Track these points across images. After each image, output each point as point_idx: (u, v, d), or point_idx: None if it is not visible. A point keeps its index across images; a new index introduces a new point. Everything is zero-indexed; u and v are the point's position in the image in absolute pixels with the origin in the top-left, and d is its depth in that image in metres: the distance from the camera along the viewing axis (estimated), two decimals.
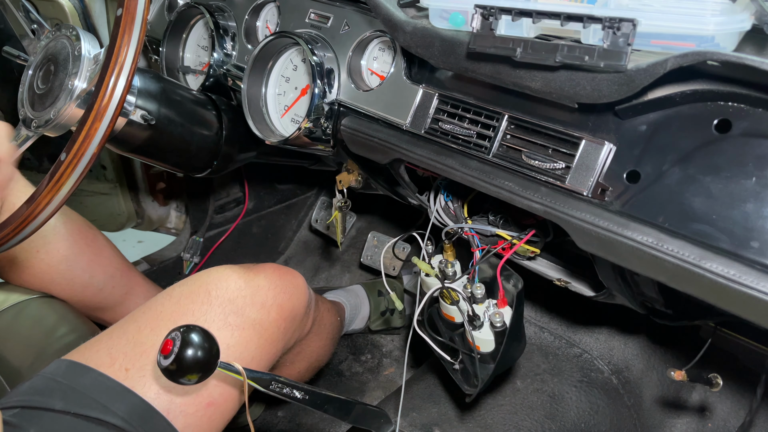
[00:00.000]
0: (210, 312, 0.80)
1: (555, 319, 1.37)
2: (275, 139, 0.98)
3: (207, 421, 0.77)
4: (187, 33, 1.21)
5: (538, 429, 1.25)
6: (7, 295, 1.07)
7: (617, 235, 0.64)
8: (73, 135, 0.62)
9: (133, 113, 0.93)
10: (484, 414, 1.28)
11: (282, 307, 0.86)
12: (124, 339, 0.78)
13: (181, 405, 0.75)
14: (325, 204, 1.71)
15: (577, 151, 0.70)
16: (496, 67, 0.70)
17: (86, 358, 0.76)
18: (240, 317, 0.81)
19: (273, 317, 0.84)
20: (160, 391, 0.75)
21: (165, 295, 0.84)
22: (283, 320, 0.86)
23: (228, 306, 0.81)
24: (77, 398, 0.72)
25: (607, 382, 1.28)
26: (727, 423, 1.17)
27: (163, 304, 0.82)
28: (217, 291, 0.82)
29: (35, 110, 0.84)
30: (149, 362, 0.75)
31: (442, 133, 0.82)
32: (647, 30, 0.59)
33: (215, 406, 0.78)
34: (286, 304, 0.86)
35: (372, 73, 0.95)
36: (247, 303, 0.83)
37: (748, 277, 0.56)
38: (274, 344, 0.85)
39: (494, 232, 0.88)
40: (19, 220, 0.64)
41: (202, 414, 0.77)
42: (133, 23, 0.60)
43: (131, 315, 0.83)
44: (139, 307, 0.84)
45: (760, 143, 0.59)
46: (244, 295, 0.83)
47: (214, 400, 0.78)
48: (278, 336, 0.85)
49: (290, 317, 0.87)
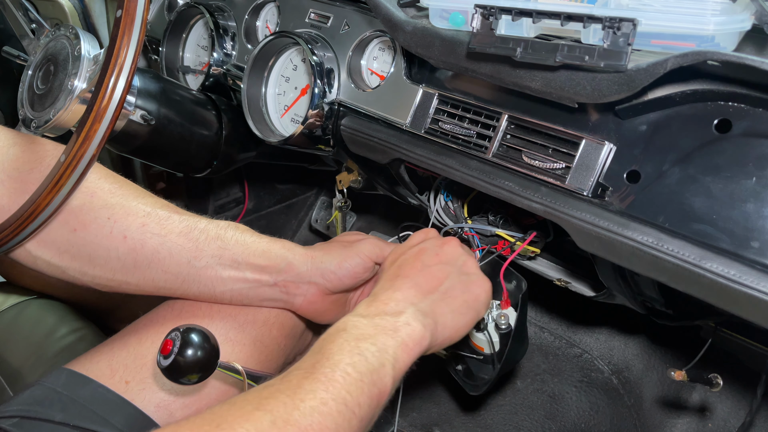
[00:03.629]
0: (212, 325, 0.80)
1: (555, 319, 1.37)
2: (275, 139, 0.98)
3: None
4: (186, 33, 1.21)
5: (538, 429, 1.25)
6: (7, 296, 1.07)
7: (617, 235, 0.63)
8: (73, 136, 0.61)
9: (133, 113, 0.93)
10: (484, 414, 1.28)
11: (284, 325, 0.85)
12: (125, 351, 0.78)
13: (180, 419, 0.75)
14: (325, 204, 1.70)
15: (577, 151, 0.69)
16: (496, 67, 0.70)
17: (86, 369, 0.76)
18: (241, 333, 0.81)
19: (274, 334, 0.84)
20: (160, 405, 0.74)
21: (167, 307, 0.84)
22: (284, 337, 0.86)
23: (230, 321, 0.81)
24: (77, 410, 0.71)
25: (607, 382, 1.28)
26: (727, 423, 1.17)
27: (165, 317, 0.82)
28: (220, 305, 0.82)
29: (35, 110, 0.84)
30: (149, 375, 0.75)
31: (442, 133, 0.82)
32: (647, 30, 0.59)
33: None
34: (287, 322, 0.86)
35: (372, 73, 0.95)
36: (249, 320, 0.82)
37: (748, 277, 0.56)
38: (275, 360, 0.85)
39: (494, 232, 0.87)
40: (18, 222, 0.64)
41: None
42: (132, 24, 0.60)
43: (133, 326, 0.83)
44: (141, 318, 0.84)
45: (760, 143, 0.59)
46: (246, 312, 0.83)
47: None
48: (279, 353, 0.85)
49: (291, 334, 0.87)
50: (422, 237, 0.80)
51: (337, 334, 0.62)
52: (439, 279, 0.72)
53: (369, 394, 0.58)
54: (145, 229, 0.75)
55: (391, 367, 0.61)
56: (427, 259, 0.74)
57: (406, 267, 0.73)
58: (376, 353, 0.60)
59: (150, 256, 0.75)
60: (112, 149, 0.98)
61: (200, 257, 0.77)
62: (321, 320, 0.86)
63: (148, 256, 0.75)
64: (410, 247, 0.77)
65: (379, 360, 0.60)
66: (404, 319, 0.65)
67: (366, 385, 0.58)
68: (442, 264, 0.73)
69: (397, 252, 0.78)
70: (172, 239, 0.76)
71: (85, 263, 0.76)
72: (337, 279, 0.82)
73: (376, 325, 0.63)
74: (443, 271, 0.73)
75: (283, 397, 0.54)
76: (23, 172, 0.73)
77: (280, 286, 0.80)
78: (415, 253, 0.76)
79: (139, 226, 0.75)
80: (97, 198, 0.75)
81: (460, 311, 0.70)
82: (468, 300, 0.71)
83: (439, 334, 0.67)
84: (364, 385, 0.58)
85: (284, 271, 0.80)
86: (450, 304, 0.70)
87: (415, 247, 0.77)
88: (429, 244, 0.77)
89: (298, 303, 0.82)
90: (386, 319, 0.65)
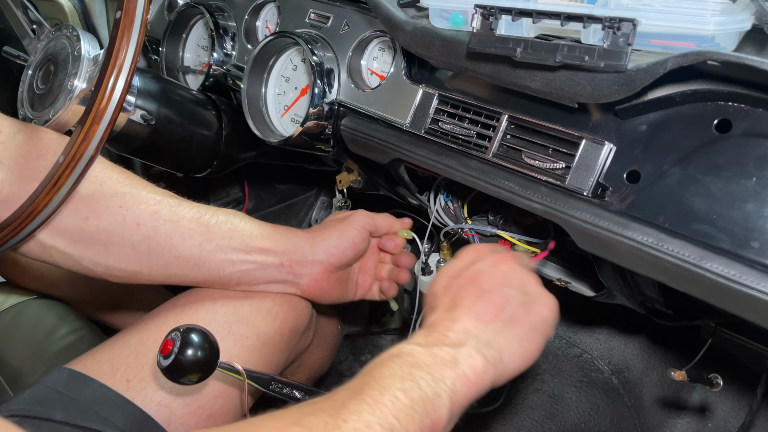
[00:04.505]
0: (214, 321, 0.81)
1: None
2: (275, 139, 0.98)
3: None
4: (186, 33, 1.21)
5: (538, 429, 1.25)
6: (7, 296, 1.07)
7: (617, 235, 0.63)
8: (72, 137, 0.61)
9: (133, 113, 0.93)
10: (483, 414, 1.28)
11: (285, 322, 0.86)
12: (126, 350, 0.78)
13: (181, 417, 0.75)
14: (325, 204, 1.70)
15: (577, 151, 0.69)
16: (496, 67, 0.70)
17: (87, 368, 0.76)
18: (244, 326, 0.82)
19: (278, 325, 0.85)
20: (160, 404, 0.75)
21: (169, 306, 0.84)
22: (288, 329, 0.86)
23: (233, 315, 0.82)
24: (78, 409, 0.72)
25: (607, 382, 1.28)
26: (727, 423, 1.17)
27: (166, 315, 0.82)
28: (222, 301, 0.83)
29: (35, 110, 0.84)
30: (151, 374, 0.75)
31: (442, 133, 0.82)
32: (647, 30, 0.59)
33: (215, 419, 0.78)
34: (289, 318, 0.86)
35: (372, 73, 0.95)
36: (253, 310, 0.83)
37: (748, 277, 0.56)
38: (277, 357, 0.85)
39: (494, 233, 0.88)
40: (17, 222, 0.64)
41: (203, 426, 0.77)
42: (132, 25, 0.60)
43: (134, 325, 0.83)
44: (143, 318, 0.84)
45: (761, 143, 0.59)
46: (250, 304, 0.84)
47: (214, 413, 0.78)
48: (281, 349, 0.86)
49: (293, 331, 0.87)
50: (473, 256, 0.72)
51: (390, 360, 0.58)
52: (500, 305, 0.65)
53: (420, 424, 0.53)
54: (157, 216, 0.77)
55: (448, 398, 0.56)
56: (484, 283, 0.68)
57: (462, 294, 0.67)
58: (432, 382, 0.56)
59: (163, 242, 0.77)
60: (112, 149, 0.98)
61: (211, 240, 0.79)
62: (326, 300, 0.89)
63: (161, 242, 0.77)
64: (463, 268, 0.71)
65: (435, 390, 0.56)
66: (466, 351, 0.60)
67: (417, 414, 0.53)
68: (501, 287, 0.67)
69: (449, 274, 0.71)
70: (184, 224, 0.78)
71: (100, 252, 0.76)
72: (340, 251, 0.86)
73: (434, 355, 0.59)
74: (503, 295, 0.66)
75: (325, 416, 0.51)
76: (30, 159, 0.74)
77: (287, 267, 0.83)
78: (470, 276, 0.69)
79: (152, 214, 0.76)
80: (107, 187, 0.76)
81: (528, 338, 0.65)
82: (534, 323, 0.66)
83: (507, 365, 0.63)
84: (415, 414, 0.53)
85: (289, 251, 0.83)
86: (515, 332, 0.64)
87: (470, 269, 0.70)
88: (484, 265, 0.70)
89: (304, 283, 0.85)
90: (445, 349, 0.60)
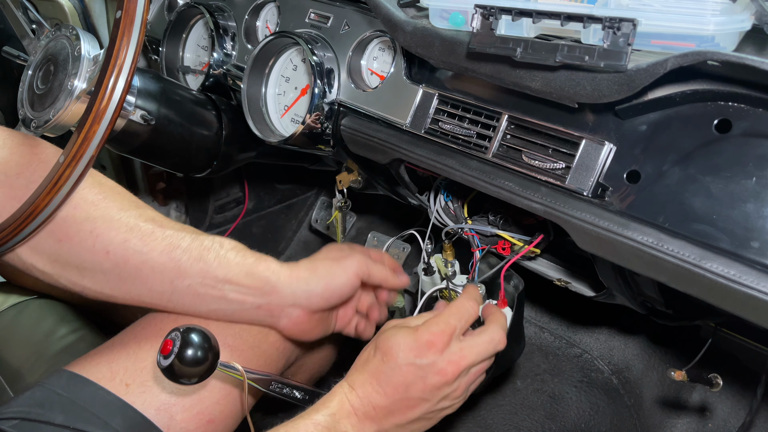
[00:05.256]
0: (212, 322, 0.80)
1: (555, 319, 1.37)
2: (275, 139, 0.98)
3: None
4: (186, 33, 1.21)
5: (538, 429, 1.25)
6: (7, 296, 1.07)
7: (617, 235, 0.63)
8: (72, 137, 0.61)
9: (133, 113, 0.93)
10: (484, 414, 1.28)
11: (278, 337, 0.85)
12: (124, 354, 0.78)
13: (181, 422, 0.75)
14: (325, 204, 1.70)
15: (577, 151, 0.69)
16: (496, 67, 0.70)
17: (87, 371, 0.76)
18: (238, 339, 0.81)
19: (272, 339, 0.84)
20: (160, 408, 0.74)
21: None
22: (282, 341, 0.85)
23: (227, 327, 0.81)
24: (77, 412, 0.72)
25: (607, 382, 1.28)
26: (727, 423, 1.17)
27: (163, 321, 0.82)
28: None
29: (35, 110, 0.84)
30: (149, 378, 0.75)
31: (442, 133, 0.82)
32: (647, 30, 0.59)
33: (215, 423, 0.78)
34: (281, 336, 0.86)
35: (372, 73, 0.95)
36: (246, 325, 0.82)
37: (748, 277, 0.56)
38: (274, 363, 0.85)
39: (494, 233, 0.87)
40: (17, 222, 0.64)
41: (203, 431, 0.77)
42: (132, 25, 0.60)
43: (131, 328, 0.83)
44: (140, 321, 0.84)
45: (760, 143, 0.59)
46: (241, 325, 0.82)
47: (214, 417, 0.77)
48: (277, 356, 0.85)
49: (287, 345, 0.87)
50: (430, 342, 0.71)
51: None
52: (413, 411, 0.72)
53: None
54: (127, 245, 0.74)
55: None
56: (414, 388, 0.70)
57: (391, 382, 0.70)
58: None
59: (134, 272, 0.74)
60: (112, 149, 0.98)
61: (183, 278, 0.75)
62: (306, 339, 0.85)
63: (132, 273, 0.74)
64: (409, 349, 0.71)
65: None
66: None
67: None
68: (424, 397, 0.71)
69: (393, 343, 0.71)
70: (154, 257, 0.74)
71: (74, 273, 0.75)
72: (324, 301, 0.80)
73: None
74: (422, 405, 0.72)
75: None
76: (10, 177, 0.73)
77: (264, 309, 0.79)
78: (406, 370, 0.70)
79: (121, 242, 0.74)
80: (80, 210, 0.74)
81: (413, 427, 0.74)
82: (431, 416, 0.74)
83: None
84: None
85: (268, 294, 0.77)
86: (408, 427, 0.73)
87: (412, 363, 0.70)
88: (427, 362, 0.70)
89: (283, 324, 0.81)
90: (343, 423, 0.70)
